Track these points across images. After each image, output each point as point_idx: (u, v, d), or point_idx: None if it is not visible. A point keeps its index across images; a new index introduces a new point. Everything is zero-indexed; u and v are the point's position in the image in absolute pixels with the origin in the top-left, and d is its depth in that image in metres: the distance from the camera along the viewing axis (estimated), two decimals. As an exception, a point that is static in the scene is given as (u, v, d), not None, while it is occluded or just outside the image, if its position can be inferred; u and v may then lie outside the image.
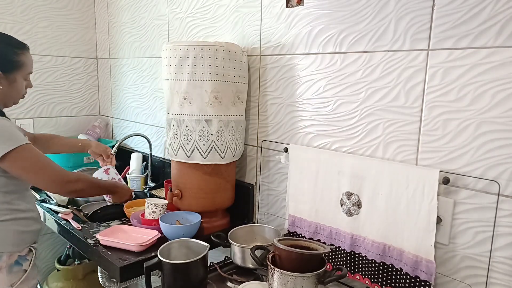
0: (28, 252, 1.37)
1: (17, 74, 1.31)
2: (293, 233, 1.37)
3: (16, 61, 1.30)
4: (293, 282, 0.96)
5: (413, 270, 1.06)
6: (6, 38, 1.32)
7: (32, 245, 1.39)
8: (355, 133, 1.22)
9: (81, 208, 1.72)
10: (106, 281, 1.37)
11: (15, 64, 1.30)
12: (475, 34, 0.96)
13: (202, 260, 1.14)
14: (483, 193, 0.98)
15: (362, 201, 1.17)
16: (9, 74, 1.29)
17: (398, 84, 1.10)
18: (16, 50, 1.31)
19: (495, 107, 0.94)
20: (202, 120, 1.38)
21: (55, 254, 2.36)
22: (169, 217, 1.44)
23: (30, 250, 1.38)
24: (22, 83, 1.34)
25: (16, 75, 1.31)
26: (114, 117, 2.50)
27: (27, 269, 1.35)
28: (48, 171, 1.26)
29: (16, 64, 1.30)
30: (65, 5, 2.39)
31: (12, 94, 1.33)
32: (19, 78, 1.32)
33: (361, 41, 1.17)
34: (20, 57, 1.31)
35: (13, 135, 1.22)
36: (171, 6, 1.89)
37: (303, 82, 1.34)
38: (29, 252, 1.37)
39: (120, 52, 2.33)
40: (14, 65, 1.30)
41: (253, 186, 1.58)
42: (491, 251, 0.97)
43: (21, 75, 1.33)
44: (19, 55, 1.31)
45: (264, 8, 1.45)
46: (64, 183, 1.28)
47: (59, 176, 1.28)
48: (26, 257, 1.36)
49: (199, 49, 1.34)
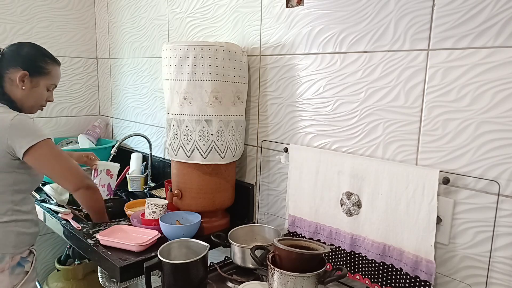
0: (29, 253, 1.38)
1: (41, 80, 1.38)
2: (293, 233, 1.37)
3: (44, 67, 1.38)
4: (293, 282, 0.96)
5: (413, 270, 1.06)
6: (41, 48, 1.42)
7: (32, 247, 1.40)
8: (355, 133, 1.22)
9: (81, 208, 1.72)
10: (106, 281, 1.37)
11: (42, 70, 1.38)
12: (475, 34, 0.96)
13: (202, 260, 1.14)
14: (483, 193, 0.98)
15: (362, 201, 1.17)
16: (33, 78, 1.36)
17: (398, 84, 1.10)
18: (47, 59, 1.40)
19: (495, 107, 0.94)
20: (202, 120, 1.38)
21: (55, 254, 2.36)
22: (169, 217, 1.44)
23: (30, 251, 1.39)
24: (43, 92, 1.40)
25: (40, 81, 1.38)
26: (114, 117, 2.50)
27: (29, 270, 1.37)
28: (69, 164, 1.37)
29: (43, 71, 1.38)
30: (65, 5, 2.39)
31: (32, 99, 1.38)
32: (42, 85, 1.39)
33: (361, 41, 1.17)
34: (49, 65, 1.40)
35: (36, 129, 1.29)
36: (171, 6, 1.89)
37: (303, 82, 1.34)
38: (29, 253, 1.39)
39: (120, 52, 2.33)
40: (41, 70, 1.38)
41: (253, 186, 1.58)
42: (491, 251, 0.97)
43: (45, 83, 1.40)
44: (48, 63, 1.40)
45: (264, 8, 1.45)
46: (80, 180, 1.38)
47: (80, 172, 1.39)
48: (27, 259, 1.37)
49: (199, 49, 1.34)
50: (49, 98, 1.45)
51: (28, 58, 1.36)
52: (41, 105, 1.44)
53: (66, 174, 1.36)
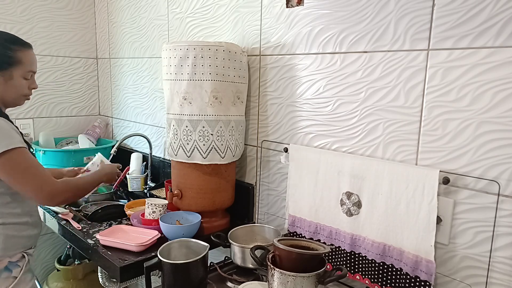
0: (20, 258, 1.30)
1: (13, 71, 1.26)
2: (293, 233, 1.37)
3: (11, 56, 1.25)
4: (293, 282, 0.96)
5: (413, 270, 1.06)
6: (3, 34, 1.28)
7: (26, 251, 1.32)
8: (355, 133, 1.22)
9: (81, 208, 1.72)
10: (106, 281, 1.37)
11: (9, 60, 1.25)
12: (475, 34, 0.96)
13: (202, 260, 1.14)
14: (483, 193, 0.98)
15: (362, 201, 1.17)
16: (4, 71, 1.25)
17: (398, 84, 1.10)
18: (12, 45, 1.26)
19: (495, 107, 0.94)
20: (202, 120, 1.38)
21: (55, 254, 2.36)
22: (169, 217, 1.44)
23: (22, 256, 1.31)
24: (20, 81, 1.28)
25: (13, 72, 1.26)
26: (114, 117, 2.50)
27: (17, 276, 1.27)
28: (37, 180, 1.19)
29: (11, 60, 1.25)
30: (65, 5, 2.39)
31: (10, 92, 1.28)
32: (16, 75, 1.27)
33: (361, 41, 1.17)
34: (16, 53, 1.26)
35: (8, 136, 1.17)
36: (171, 6, 1.89)
37: (303, 82, 1.34)
38: (21, 258, 1.30)
39: (120, 52, 2.33)
40: (8, 61, 1.25)
41: (253, 186, 1.58)
42: (491, 251, 0.97)
43: (19, 72, 1.27)
44: (15, 51, 1.26)
45: (264, 8, 1.45)
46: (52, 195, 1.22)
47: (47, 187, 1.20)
48: (17, 263, 1.28)
49: (199, 49, 1.34)
50: (32, 85, 1.33)
51: None
52: (24, 95, 1.32)
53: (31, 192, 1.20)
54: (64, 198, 1.26)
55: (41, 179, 1.20)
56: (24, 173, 1.18)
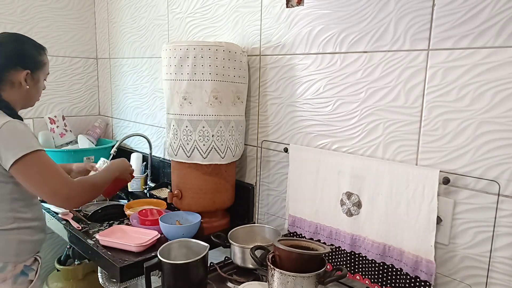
0: (33, 261, 1.31)
1: (40, 74, 1.31)
2: (293, 233, 1.37)
3: (40, 60, 1.31)
4: (293, 282, 0.96)
5: (413, 270, 1.06)
6: (30, 39, 1.32)
7: (37, 254, 1.33)
8: (355, 133, 1.22)
9: (81, 208, 1.72)
10: (106, 281, 1.37)
11: (40, 64, 1.30)
12: (475, 34, 0.96)
13: (202, 260, 1.14)
14: (483, 193, 0.98)
15: (362, 201, 1.17)
16: (34, 74, 1.29)
17: (398, 84, 1.10)
18: (40, 50, 1.32)
19: (495, 107, 0.94)
20: (202, 120, 1.38)
21: (55, 254, 2.36)
22: (169, 217, 1.44)
23: (35, 259, 1.32)
24: (42, 84, 1.34)
25: (40, 75, 1.31)
26: (114, 117, 2.50)
27: (33, 279, 1.29)
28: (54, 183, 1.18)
29: (41, 64, 1.31)
30: (65, 5, 2.39)
31: (34, 94, 1.33)
32: (41, 78, 1.33)
33: (361, 41, 1.17)
34: (43, 57, 1.32)
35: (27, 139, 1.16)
36: (171, 6, 1.89)
37: (303, 82, 1.34)
38: (34, 261, 1.31)
39: (120, 52, 2.33)
40: (39, 64, 1.30)
41: (253, 186, 1.58)
42: (491, 251, 0.97)
43: (43, 75, 1.33)
44: (42, 55, 1.32)
45: (264, 8, 1.45)
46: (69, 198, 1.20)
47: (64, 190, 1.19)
48: (31, 267, 1.30)
49: (199, 49, 1.34)
50: (44, 87, 1.37)
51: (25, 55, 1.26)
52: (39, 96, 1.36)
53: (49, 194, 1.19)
54: (80, 200, 1.25)
55: (59, 182, 1.19)
56: (42, 176, 1.17)
